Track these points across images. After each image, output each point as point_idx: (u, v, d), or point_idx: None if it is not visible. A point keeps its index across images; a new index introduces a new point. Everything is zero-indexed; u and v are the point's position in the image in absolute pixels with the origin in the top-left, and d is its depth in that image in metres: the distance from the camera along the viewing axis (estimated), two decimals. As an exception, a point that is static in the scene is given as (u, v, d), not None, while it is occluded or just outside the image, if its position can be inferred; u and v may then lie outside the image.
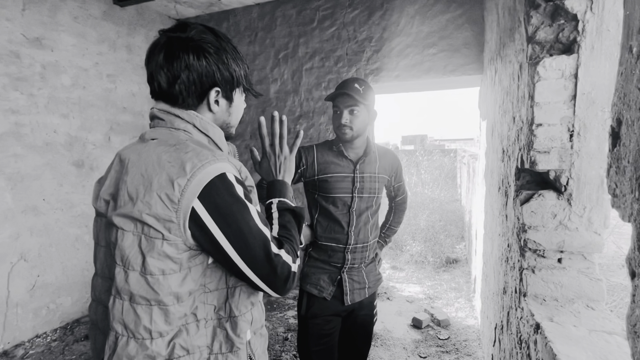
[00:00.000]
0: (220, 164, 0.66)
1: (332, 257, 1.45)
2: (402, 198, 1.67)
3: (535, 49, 1.21)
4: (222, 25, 3.67)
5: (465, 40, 2.81)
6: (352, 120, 1.35)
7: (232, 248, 0.64)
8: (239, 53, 0.78)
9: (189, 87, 0.71)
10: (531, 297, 1.24)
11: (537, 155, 1.19)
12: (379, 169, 1.47)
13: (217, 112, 0.77)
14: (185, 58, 0.69)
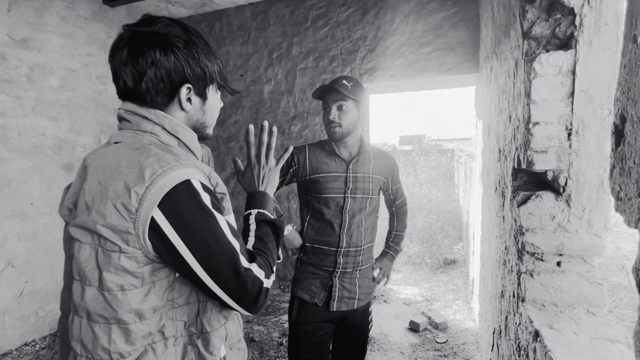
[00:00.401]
0: (185, 170, 0.61)
1: (324, 260, 1.40)
2: (401, 201, 1.61)
3: (531, 45, 1.17)
4: (214, 26, 3.63)
5: (460, 38, 2.77)
6: (341, 117, 1.31)
7: (197, 261, 0.59)
8: (211, 48, 0.73)
9: (157, 85, 0.65)
10: (530, 302, 1.19)
11: (534, 155, 1.14)
12: (373, 169, 1.43)
13: (190, 110, 0.71)
14: (151, 53, 0.63)
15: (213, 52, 0.73)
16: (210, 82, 0.72)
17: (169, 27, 0.66)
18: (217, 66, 0.73)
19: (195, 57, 0.68)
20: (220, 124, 3.74)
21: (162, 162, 0.59)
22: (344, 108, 1.31)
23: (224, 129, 3.73)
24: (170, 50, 0.65)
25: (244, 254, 0.64)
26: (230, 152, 3.73)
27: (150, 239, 0.58)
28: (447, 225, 5.31)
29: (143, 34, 0.64)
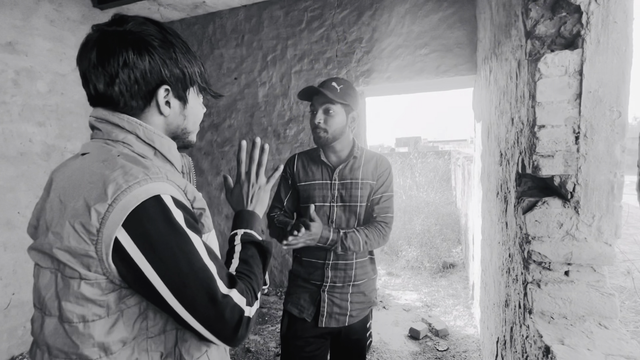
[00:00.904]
0: (154, 184, 0.54)
1: (312, 274, 1.34)
2: (383, 219, 1.33)
3: (535, 45, 1.12)
4: (207, 28, 3.57)
5: (457, 39, 2.73)
6: (327, 121, 1.24)
7: (167, 288, 0.52)
8: (190, 49, 0.68)
9: (131, 87, 0.59)
10: (537, 314, 1.13)
11: (540, 160, 1.09)
12: (364, 174, 1.33)
13: (169, 115, 0.66)
14: (124, 53, 0.58)
15: (192, 53, 0.68)
16: (191, 84, 0.67)
17: (142, 26, 0.61)
18: (197, 67, 0.68)
19: (173, 57, 0.62)
20: (214, 128, 3.67)
21: (128, 176, 0.53)
22: (331, 112, 1.23)
23: (218, 133, 3.66)
24: (145, 50, 0.59)
25: (223, 278, 0.58)
26: (224, 157, 3.66)
27: (115, 263, 0.52)
28: (445, 228, 5.27)
29: (114, 33, 0.59)
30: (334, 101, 1.22)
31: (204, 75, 0.70)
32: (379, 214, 1.34)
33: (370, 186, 1.33)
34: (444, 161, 10.04)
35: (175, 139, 0.70)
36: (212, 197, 3.77)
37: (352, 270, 1.32)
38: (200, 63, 0.69)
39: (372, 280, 1.40)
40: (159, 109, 0.64)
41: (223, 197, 3.71)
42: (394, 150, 18.72)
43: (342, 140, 1.30)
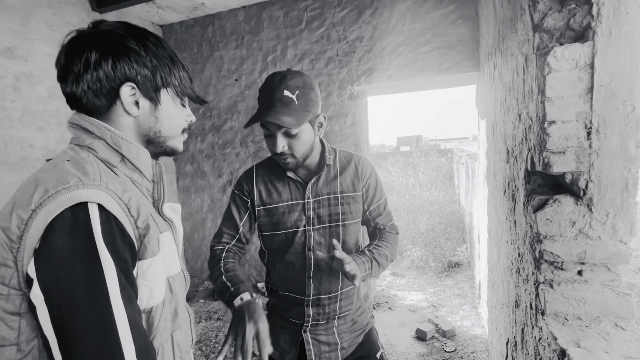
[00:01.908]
0: (85, 191, 0.49)
1: (290, 310, 1.12)
2: (389, 227, 1.20)
3: (543, 38, 1.08)
4: (207, 30, 3.55)
5: (459, 36, 2.69)
6: (292, 145, 0.97)
7: (51, 326, 0.43)
8: (169, 51, 0.66)
9: (94, 84, 0.58)
10: (550, 315, 1.10)
11: (551, 157, 1.06)
12: (343, 185, 1.09)
13: (137, 115, 0.63)
14: (87, 53, 0.57)
15: (170, 56, 0.65)
16: (164, 86, 0.65)
17: (114, 28, 0.61)
18: (175, 71, 0.66)
19: (142, 55, 0.61)
20: (215, 130, 3.65)
21: (59, 181, 0.49)
22: (296, 133, 0.95)
23: (219, 135, 3.64)
24: (110, 49, 0.58)
25: (139, 344, 0.47)
26: (226, 159, 3.64)
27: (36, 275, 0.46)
28: (449, 227, 5.23)
29: (83, 34, 0.59)
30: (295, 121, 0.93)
31: (184, 79, 0.68)
32: (385, 224, 1.19)
33: (354, 199, 1.11)
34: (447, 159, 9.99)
35: (151, 144, 0.67)
36: (214, 199, 3.75)
37: (337, 303, 1.11)
38: (180, 67, 0.67)
39: (360, 303, 1.20)
40: (124, 108, 0.61)
41: (225, 199, 3.69)
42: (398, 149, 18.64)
43: (314, 153, 1.07)
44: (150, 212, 0.61)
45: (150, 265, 0.56)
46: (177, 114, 0.69)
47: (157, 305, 0.59)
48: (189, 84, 0.70)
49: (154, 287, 0.58)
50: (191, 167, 3.82)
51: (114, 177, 0.57)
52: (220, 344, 2.64)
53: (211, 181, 3.74)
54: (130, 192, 0.56)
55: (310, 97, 0.96)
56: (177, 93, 0.68)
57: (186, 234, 3.96)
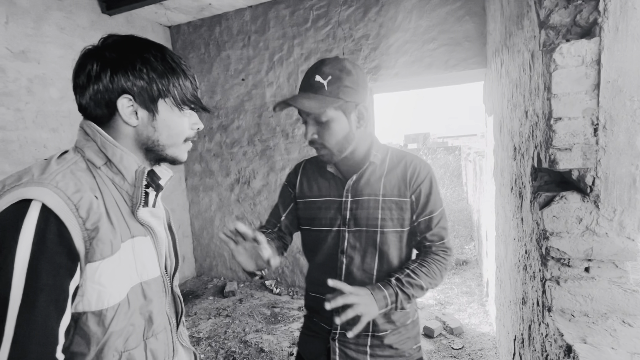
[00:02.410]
0: (31, 189, 0.51)
1: (319, 313, 1.04)
2: (437, 247, 1.01)
3: (549, 35, 1.08)
4: (214, 30, 3.58)
5: (466, 33, 2.68)
6: (322, 134, 0.91)
7: None
8: (170, 62, 0.67)
9: (95, 96, 0.63)
10: (557, 312, 1.10)
11: (557, 153, 1.06)
12: (387, 187, 0.98)
13: (137, 124, 0.66)
14: (90, 66, 0.63)
15: (171, 67, 0.67)
16: (162, 96, 0.67)
17: (117, 42, 0.65)
18: (175, 80, 0.67)
19: (139, 68, 0.64)
20: (223, 130, 3.69)
21: (16, 179, 0.53)
22: (325, 121, 0.89)
23: (227, 135, 3.68)
24: (109, 63, 0.63)
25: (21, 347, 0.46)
26: (234, 158, 3.68)
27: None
28: (457, 224, 5.20)
29: (91, 49, 0.64)
30: (323, 105, 0.86)
31: (184, 88, 0.69)
32: (434, 242, 1.01)
33: (398, 206, 0.98)
34: (454, 157, 9.91)
35: (150, 152, 0.70)
36: (222, 197, 3.79)
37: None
38: (181, 77, 0.68)
39: (405, 328, 1.04)
40: (123, 118, 0.65)
41: (234, 198, 3.73)
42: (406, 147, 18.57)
43: (357, 146, 0.97)
44: (122, 214, 0.64)
45: (98, 267, 0.57)
46: (176, 124, 0.70)
47: (109, 308, 0.59)
48: (192, 92, 0.70)
49: (103, 290, 0.58)
50: (199, 166, 3.87)
51: (77, 176, 0.59)
52: (229, 340, 2.69)
53: (219, 180, 3.78)
54: (83, 193, 0.56)
55: (343, 84, 0.87)
56: (176, 103, 0.68)
57: (195, 232, 4.01)
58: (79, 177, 0.59)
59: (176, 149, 0.72)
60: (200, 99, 0.73)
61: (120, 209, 0.64)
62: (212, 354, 2.53)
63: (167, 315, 0.73)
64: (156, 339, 0.68)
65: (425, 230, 1.00)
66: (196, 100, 0.72)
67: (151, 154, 0.70)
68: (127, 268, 0.62)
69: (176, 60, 0.68)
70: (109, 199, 0.63)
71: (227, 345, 2.62)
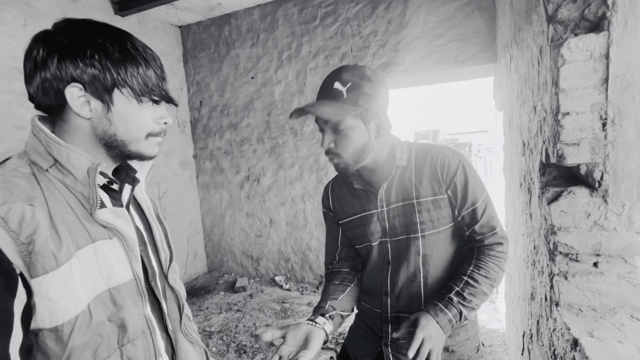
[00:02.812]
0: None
1: (370, 320, 1.05)
2: (489, 239, 0.94)
3: (557, 30, 1.08)
4: (223, 29, 3.62)
5: (475, 28, 2.66)
6: (339, 143, 0.87)
7: None
8: (130, 49, 0.61)
9: (42, 84, 0.57)
10: (565, 306, 1.11)
11: (564, 148, 1.06)
12: (418, 188, 0.93)
13: (90, 117, 0.60)
14: (35, 52, 0.57)
15: (130, 53, 0.60)
16: (118, 86, 0.60)
17: (69, 25, 0.59)
18: (135, 69, 0.60)
19: (89, 54, 0.57)
20: (233, 128, 3.74)
21: None
22: (342, 129, 0.86)
23: (237, 133, 3.73)
24: (57, 48, 0.56)
25: None
26: (243, 156, 3.73)
27: None
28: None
29: (39, 34, 0.58)
30: (341, 113, 0.84)
31: (146, 78, 0.62)
32: (484, 234, 0.94)
33: (435, 205, 0.93)
34: (465, 153, 9.82)
35: (110, 148, 0.64)
36: (232, 195, 3.85)
37: None
38: (143, 66, 0.62)
39: (463, 329, 0.98)
40: (73, 110, 0.59)
41: (244, 195, 3.79)
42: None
43: (377, 153, 0.93)
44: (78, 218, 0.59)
45: (43, 282, 0.52)
46: (135, 117, 0.63)
47: (64, 324, 0.55)
48: (154, 83, 0.63)
49: (54, 305, 0.54)
50: (210, 164, 3.93)
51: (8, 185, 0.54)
52: (240, 334, 2.74)
53: (229, 177, 3.84)
54: (12, 204, 0.52)
55: (363, 91, 0.84)
56: (134, 94, 0.61)
57: (206, 229, 4.08)
58: (13, 185, 0.54)
59: (139, 144, 0.65)
60: (165, 90, 0.66)
61: (75, 213, 0.59)
62: (223, 347, 2.58)
63: (146, 318, 0.67)
64: (133, 346, 0.64)
65: (472, 223, 0.94)
66: (158, 91, 0.64)
67: (113, 150, 0.64)
68: (90, 276, 0.58)
69: (137, 47, 0.62)
70: (58, 204, 0.57)
71: (238, 339, 2.67)
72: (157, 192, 3.55)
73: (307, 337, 0.84)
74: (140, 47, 0.62)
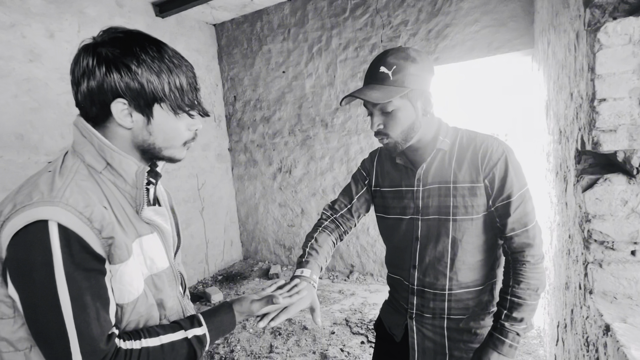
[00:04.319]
0: (44, 209, 0.54)
1: (398, 292, 1.11)
2: (519, 237, 0.93)
3: (594, 14, 1.06)
4: (255, 25, 3.73)
5: (512, 12, 2.57)
6: (388, 124, 0.91)
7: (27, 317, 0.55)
8: (167, 62, 0.64)
9: (88, 96, 0.62)
10: (598, 294, 1.10)
11: (600, 135, 1.05)
12: (457, 173, 0.95)
13: (132, 128, 0.65)
14: (85, 63, 0.61)
15: (169, 67, 0.64)
16: (157, 101, 0.64)
17: (113, 38, 0.62)
18: (172, 82, 0.64)
19: (132, 70, 0.61)
20: (265, 121, 3.87)
21: (25, 197, 0.56)
22: (391, 110, 0.89)
23: (269, 126, 3.85)
24: (104, 61, 0.60)
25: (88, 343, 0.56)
26: (275, 148, 3.86)
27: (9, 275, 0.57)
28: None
29: (86, 44, 0.62)
30: (389, 96, 0.86)
31: (181, 92, 0.66)
32: (515, 230, 0.92)
33: (471, 192, 0.94)
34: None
35: (146, 153, 0.69)
36: (265, 186, 4.00)
37: (444, 302, 1.00)
38: (180, 78, 0.65)
39: (488, 315, 1.02)
40: (117, 121, 0.64)
41: (276, 186, 3.92)
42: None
43: (423, 134, 0.96)
44: (127, 215, 0.66)
45: (118, 270, 0.62)
46: (172, 128, 0.68)
47: (128, 303, 0.64)
48: (190, 98, 0.68)
49: (123, 288, 0.63)
50: (244, 157, 4.10)
51: (83, 188, 0.60)
52: (275, 318, 2.88)
53: (262, 169, 3.99)
54: (93, 207, 0.58)
55: (408, 72, 0.86)
56: (172, 107, 0.66)
57: (241, 219, 4.28)
58: (85, 188, 0.60)
59: (173, 150, 0.71)
60: (199, 102, 0.70)
61: (125, 211, 0.65)
62: (259, 329, 2.74)
63: (179, 299, 0.78)
64: (169, 321, 0.74)
65: (505, 216, 0.93)
66: (193, 105, 0.69)
67: (147, 154, 0.70)
68: (138, 265, 0.66)
69: (175, 61, 0.65)
70: (116, 203, 0.64)
71: (273, 322, 2.82)
72: (196, 184, 3.77)
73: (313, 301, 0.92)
74: (176, 60, 0.66)
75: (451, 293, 0.99)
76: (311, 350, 2.44)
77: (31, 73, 2.50)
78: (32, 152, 2.50)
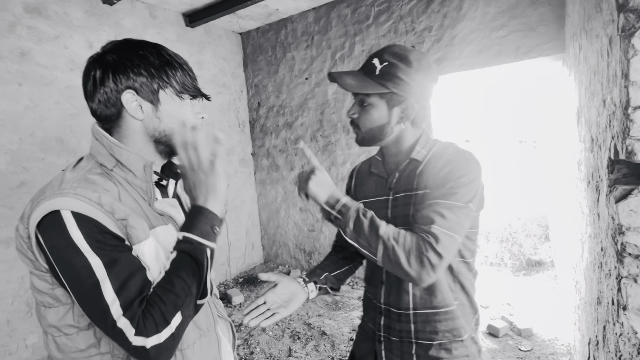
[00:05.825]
0: (55, 200, 0.59)
1: (368, 313, 1.05)
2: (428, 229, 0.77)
3: (628, 19, 1.02)
4: (280, 34, 3.82)
5: (541, 16, 2.50)
6: (361, 116, 0.90)
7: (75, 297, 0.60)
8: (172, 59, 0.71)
9: (103, 97, 0.68)
10: (633, 310, 1.05)
11: (635, 144, 1.00)
12: (418, 180, 0.89)
13: (143, 118, 0.70)
14: (94, 72, 0.67)
15: (167, 60, 0.70)
16: (161, 87, 0.70)
17: (115, 47, 0.69)
18: (173, 73, 0.71)
19: (137, 64, 0.67)
20: (288, 127, 3.93)
21: (40, 193, 0.62)
22: (366, 105, 0.88)
23: (292, 131, 3.91)
24: (110, 66, 0.67)
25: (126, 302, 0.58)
26: (298, 153, 3.90)
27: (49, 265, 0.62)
28: (529, 223, 4.82)
29: (93, 57, 0.69)
30: (368, 89, 0.85)
31: (182, 79, 0.72)
32: (420, 223, 0.80)
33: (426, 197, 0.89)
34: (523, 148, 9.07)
35: (160, 143, 0.73)
36: (287, 191, 4.05)
37: (409, 324, 0.92)
38: (179, 69, 0.72)
39: (461, 344, 0.92)
40: (129, 113, 0.69)
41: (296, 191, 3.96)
42: (469, 141, 17.36)
43: (393, 141, 0.93)
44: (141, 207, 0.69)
45: (138, 249, 0.64)
46: (179, 112, 0.73)
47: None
48: (190, 82, 0.73)
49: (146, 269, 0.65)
50: (267, 161, 4.18)
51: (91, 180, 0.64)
52: (294, 322, 2.90)
53: (284, 174, 4.04)
54: (101, 193, 0.62)
55: (396, 74, 0.83)
56: (176, 92, 0.72)
57: (262, 223, 4.35)
58: (94, 180, 0.64)
59: None
60: (198, 87, 0.76)
61: (138, 204, 0.69)
62: (279, 333, 2.77)
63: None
64: None
65: (420, 208, 0.83)
66: (194, 88, 0.75)
67: (161, 146, 0.74)
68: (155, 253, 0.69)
69: (171, 55, 0.72)
70: (128, 197, 0.68)
71: (292, 326, 2.84)
72: (220, 187, 3.87)
73: (292, 297, 0.93)
74: (173, 55, 0.73)
75: (416, 313, 0.91)
76: (329, 356, 2.44)
77: (71, 81, 2.67)
78: (70, 155, 2.66)
